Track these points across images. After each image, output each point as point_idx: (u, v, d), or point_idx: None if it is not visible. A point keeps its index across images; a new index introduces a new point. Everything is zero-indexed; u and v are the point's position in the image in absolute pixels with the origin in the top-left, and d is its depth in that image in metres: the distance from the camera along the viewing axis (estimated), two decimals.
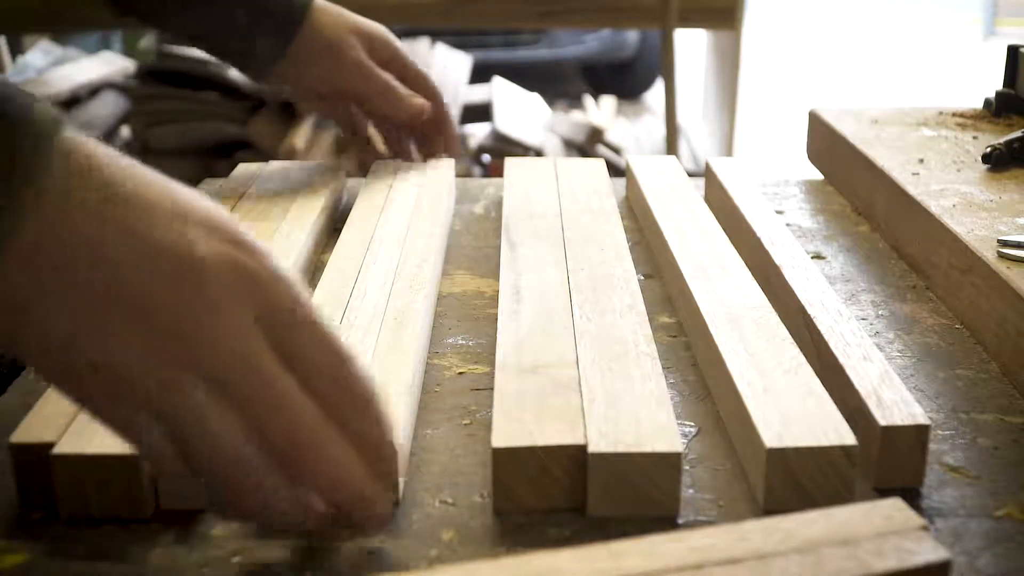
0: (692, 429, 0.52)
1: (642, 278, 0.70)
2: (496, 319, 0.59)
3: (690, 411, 0.54)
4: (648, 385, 0.49)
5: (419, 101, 0.84)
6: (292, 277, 0.40)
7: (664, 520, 0.45)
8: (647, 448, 0.44)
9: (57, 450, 0.45)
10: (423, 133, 0.88)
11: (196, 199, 0.40)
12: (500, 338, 0.55)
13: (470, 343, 0.62)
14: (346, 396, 0.40)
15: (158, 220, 0.38)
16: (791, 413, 0.47)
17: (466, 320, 0.65)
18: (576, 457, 0.45)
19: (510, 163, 0.88)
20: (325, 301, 0.60)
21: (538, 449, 0.45)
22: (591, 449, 0.44)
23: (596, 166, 0.88)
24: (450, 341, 0.62)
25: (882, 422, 0.47)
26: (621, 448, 0.44)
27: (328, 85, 0.83)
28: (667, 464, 0.45)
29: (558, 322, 0.57)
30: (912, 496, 0.46)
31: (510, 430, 0.46)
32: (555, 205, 0.77)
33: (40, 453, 0.45)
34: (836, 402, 0.48)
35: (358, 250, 0.68)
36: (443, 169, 0.86)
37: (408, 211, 0.76)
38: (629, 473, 0.45)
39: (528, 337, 0.55)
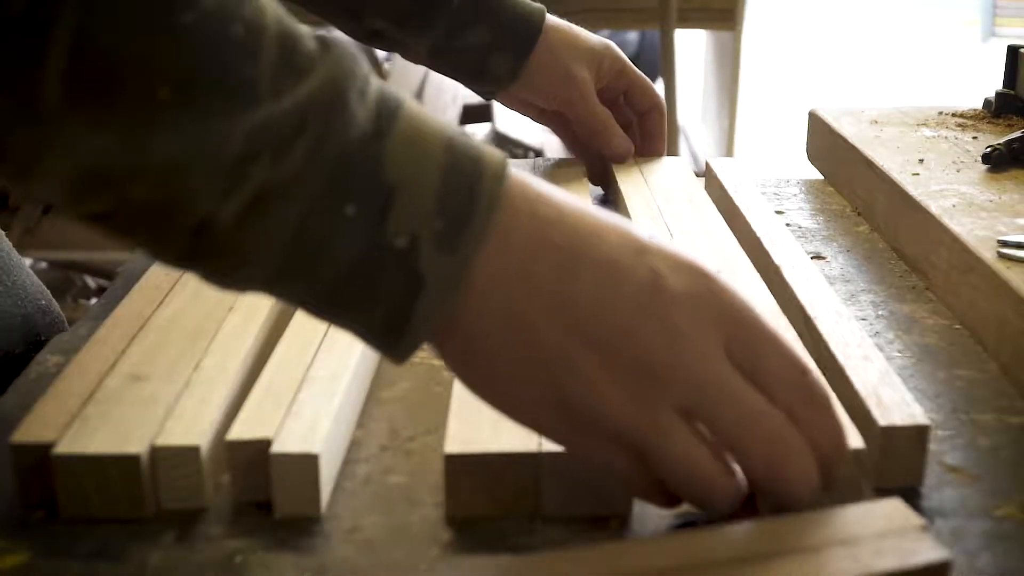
0: None
1: None
2: None
3: None
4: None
5: (627, 147, 0.84)
6: (750, 301, 0.41)
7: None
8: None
9: (57, 450, 0.45)
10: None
11: (643, 231, 0.41)
12: None
13: None
14: (809, 402, 0.41)
15: (619, 255, 0.40)
16: None
17: None
18: (530, 465, 0.45)
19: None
20: None
21: (491, 456, 0.45)
22: (547, 448, 0.44)
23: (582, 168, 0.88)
24: None
25: (882, 422, 0.47)
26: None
27: (554, 107, 0.83)
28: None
29: None
30: (912, 496, 0.46)
31: (464, 437, 0.46)
32: None
33: (40, 453, 0.45)
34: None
35: None
36: None
37: None
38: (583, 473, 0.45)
39: None
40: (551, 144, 2.71)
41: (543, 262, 0.39)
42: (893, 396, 0.49)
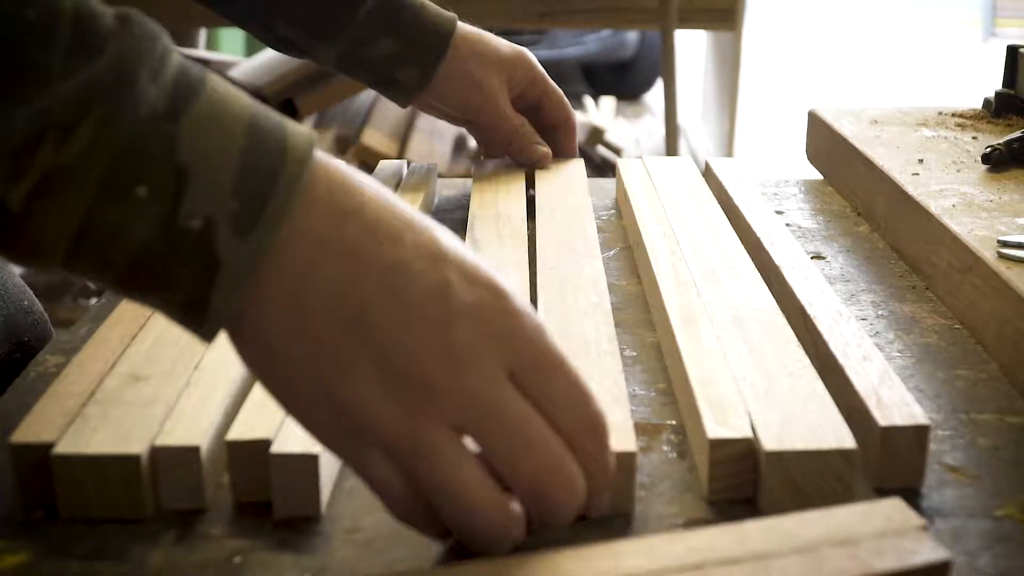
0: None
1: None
2: None
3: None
4: (606, 383, 0.49)
5: (542, 151, 0.85)
6: (541, 323, 0.40)
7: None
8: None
9: (57, 450, 0.45)
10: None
11: (447, 234, 0.40)
12: None
13: None
14: (589, 431, 0.40)
15: (415, 261, 0.38)
16: (791, 415, 0.47)
17: None
18: None
19: (479, 166, 0.88)
20: None
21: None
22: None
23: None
24: None
25: (882, 422, 0.47)
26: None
27: (464, 115, 0.84)
28: (621, 465, 0.44)
29: None
30: (912, 496, 0.46)
31: None
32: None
33: (40, 453, 0.45)
34: (836, 402, 0.48)
35: None
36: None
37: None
38: None
39: None
40: None
41: (332, 254, 0.38)
42: (893, 396, 0.49)
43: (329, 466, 0.47)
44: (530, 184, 0.85)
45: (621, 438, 0.45)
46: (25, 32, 0.34)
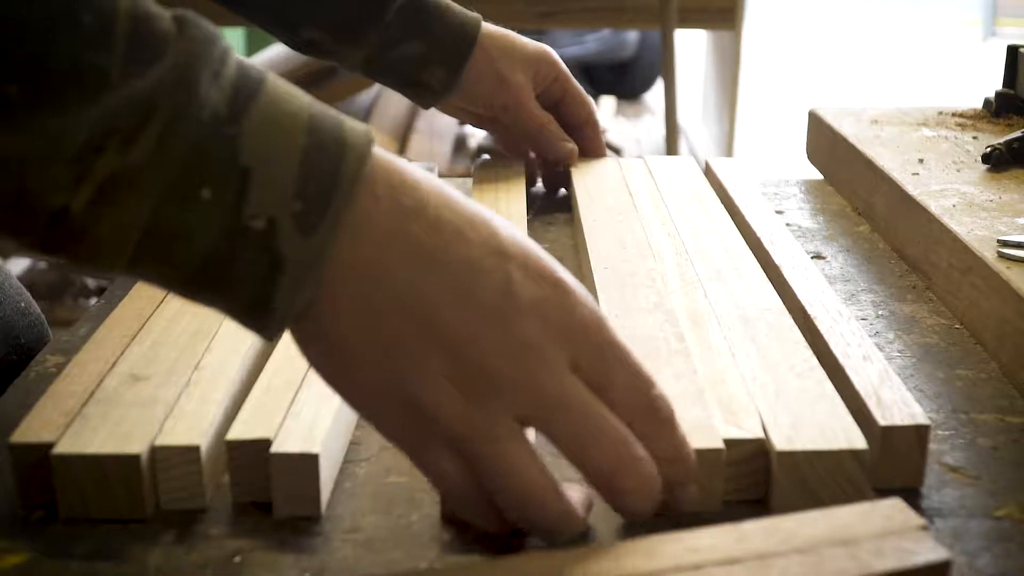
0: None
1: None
2: None
3: None
4: (682, 383, 0.50)
5: (569, 147, 0.85)
6: (602, 315, 0.41)
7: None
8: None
9: (57, 450, 0.45)
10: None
11: (508, 228, 0.41)
12: None
13: None
14: (653, 418, 0.41)
15: (478, 256, 0.39)
16: (801, 416, 0.47)
17: None
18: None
19: (480, 166, 0.88)
20: None
21: None
22: None
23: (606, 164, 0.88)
24: None
25: (882, 422, 0.47)
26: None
27: (492, 113, 0.83)
28: (706, 461, 0.45)
29: None
30: (912, 496, 0.46)
31: None
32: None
33: (40, 453, 0.45)
34: None
35: None
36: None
37: None
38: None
39: None
40: None
41: (400, 253, 0.38)
42: (893, 396, 0.49)
43: (329, 466, 0.47)
44: (554, 184, 0.85)
45: (706, 435, 0.45)
46: (81, 35, 0.34)
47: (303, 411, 0.47)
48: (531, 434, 0.41)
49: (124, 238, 0.36)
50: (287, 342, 0.54)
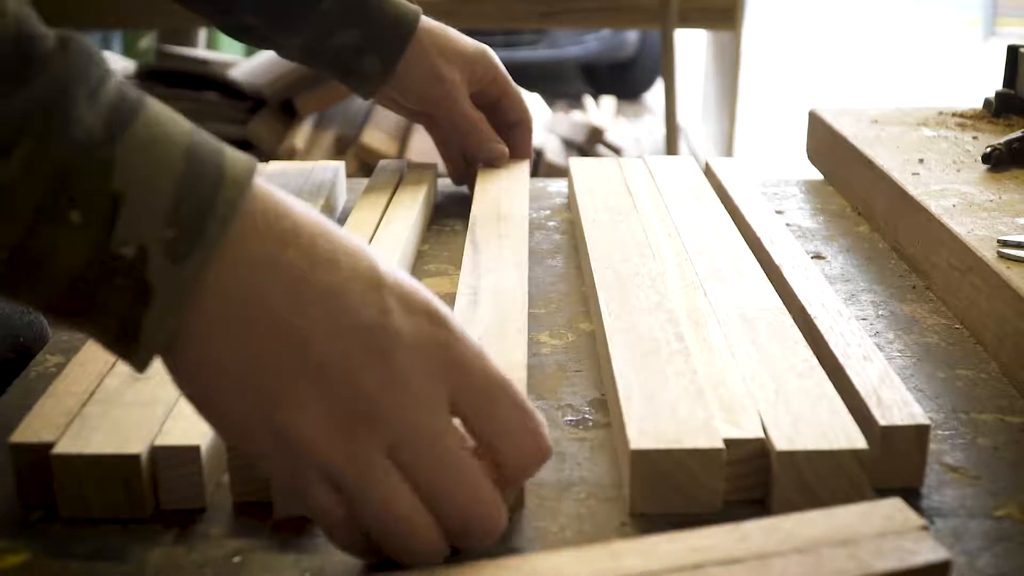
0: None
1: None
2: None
3: None
4: (682, 382, 0.50)
5: (499, 148, 0.85)
6: (480, 349, 0.40)
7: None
8: (688, 444, 0.45)
9: (57, 450, 0.45)
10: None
11: (386, 261, 0.40)
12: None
13: None
14: (532, 460, 0.41)
15: (354, 285, 0.38)
16: (802, 416, 0.47)
17: None
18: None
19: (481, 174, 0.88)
20: None
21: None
22: (633, 447, 0.45)
23: (609, 165, 0.88)
24: None
25: (882, 422, 0.47)
26: (662, 445, 0.45)
27: (424, 108, 0.84)
28: (707, 459, 0.45)
29: (512, 324, 0.57)
30: (912, 496, 0.46)
31: None
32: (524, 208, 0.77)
33: (40, 453, 0.45)
34: None
35: None
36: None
37: (412, 211, 0.76)
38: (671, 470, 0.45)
39: (481, 340, 0.55)
40: (551, 146, 2.71)
41: (274, 282, 0.37)
42: (893, 396, 0.49)
43: None
44: (461, 180, 0.86)
45: (706, 435, 0.45)
46: None
47: None
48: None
49: None
50: None
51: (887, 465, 0.47)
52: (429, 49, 0.80)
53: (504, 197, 0.79)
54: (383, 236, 0.71)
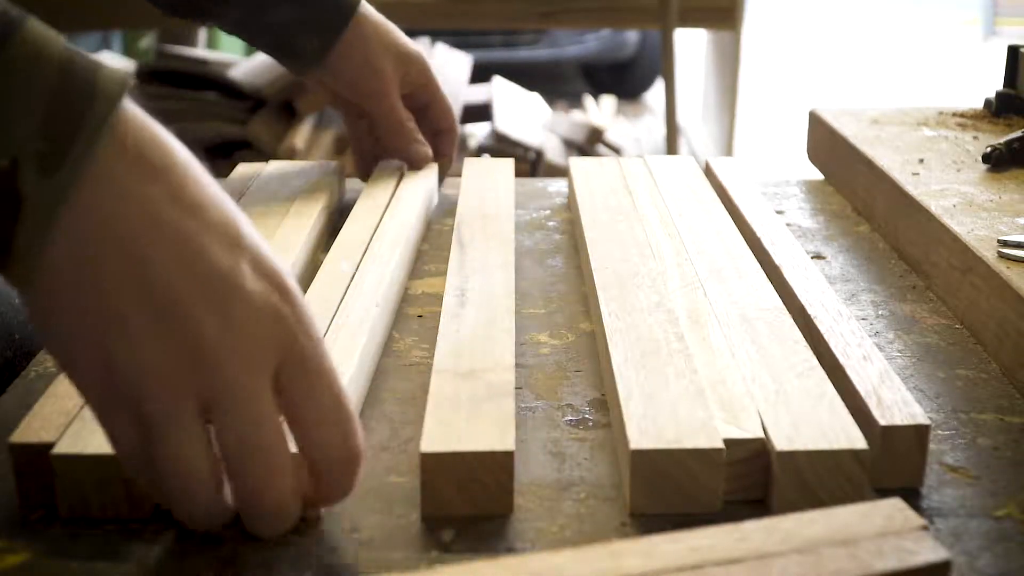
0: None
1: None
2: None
3: None
4: (682, 382, 0.50)
5: (424, 151, 0.84)
6: (318, 332, 0.41)
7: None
8: (688, 444, 0.45)
9: (57, 450, 0.45)
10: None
11: (247, 223, 0.40)
12: (440, 341, 0.55)
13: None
14: (339, 461, 0.42)
15: (211, 239, 0.39)
16: (801, 416, 0.47)
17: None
18: (504, 464, 0.45)
19: (469, 163, 0.88)
20: (317, 300, 0.59)
21: (466, 455, 0.45)
22: (633, 447, 0.45)
23: (608, 164, 0.88)
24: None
25: (882, 422, 0.47)
26: (662, 445, 0.45)
27: (355, 98, 0.83)
28: (707, 460, 0.45)
29: (499, 325, 0.57)
30: (912, 496, 0.46)
31: (439, 435, 0.46)
32: (509, 207, 0.76)
33: (40, 453, 0.45)
34: None
35: (356, 250, 0.68)
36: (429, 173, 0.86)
37: (412, 211, 0.76)
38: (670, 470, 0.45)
39: (469, 341, 0.55)
40: (551, 145, 2.71)
41: (132, 214, 0.38)
42: (893, 396, 0.49)
43: None
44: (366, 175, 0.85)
45: (706, 435, 0.45)
46: None
47: None
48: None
49: None
50: None
51: (887, 465, 0.47)
52: (369, 38, 0.80)
53: (489, 197, 0.79)
54: (383, 234, 0.70)
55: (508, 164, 0.87)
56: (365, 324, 0.57)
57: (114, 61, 2.91)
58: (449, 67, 2.85)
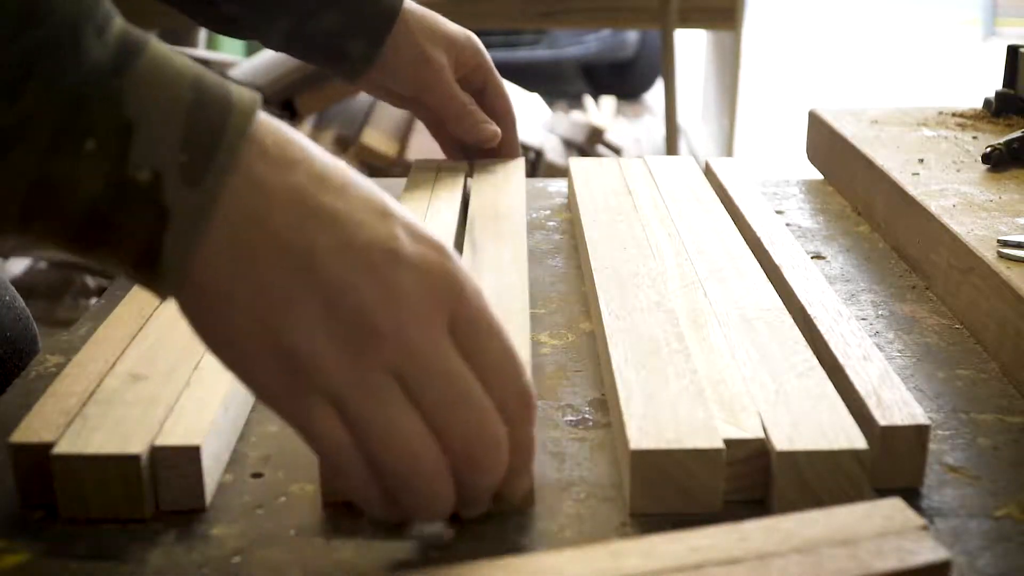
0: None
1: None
2: None
3: None
4: (682, 382, 0.50)
5: (491, 129, 0.84)
6: (480, 288, 0.41)
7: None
8: (688, 444, 0.45)
9: (57, 450, 0.45)
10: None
11: (390, 198, 0.41)
12: None
13: None
14: (520, 400, 0.41)
15: (365, 213, 0.40)
16: (801, 416, 0.47)
17: None
18: None
19: (479, 164, 0.88)
20: None
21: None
22: (633, 447, 0.45)
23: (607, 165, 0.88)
24: None
25: (882, 422, 0.47)
26: (662, 445, 0.45)
27: (410, 93, 0.83)
28: (707, 460, 0.45)
29: (513, 323, 0.57)
30: (912, 496, 0.46)
31: None
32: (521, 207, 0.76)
33: (40, 453, 0.45)
34: None
35: None
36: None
37: (453, 210, 0.75)
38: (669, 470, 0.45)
39: None
40: (551, 145, 2.71)
41: (283, 201, 0.38)
42: (893, 396, 0.49)
43: None
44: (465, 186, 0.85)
45: (706, 435, 0.45)
46: None
47: None
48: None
49: (12, 192, 0.36)
50: None
51: (887, 465, 0.47)
52: (415, 32, 0.80)
53: (501, 196, 0.79)
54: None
55: (519, 164, 0.87)
56: None
57: None
58: None
